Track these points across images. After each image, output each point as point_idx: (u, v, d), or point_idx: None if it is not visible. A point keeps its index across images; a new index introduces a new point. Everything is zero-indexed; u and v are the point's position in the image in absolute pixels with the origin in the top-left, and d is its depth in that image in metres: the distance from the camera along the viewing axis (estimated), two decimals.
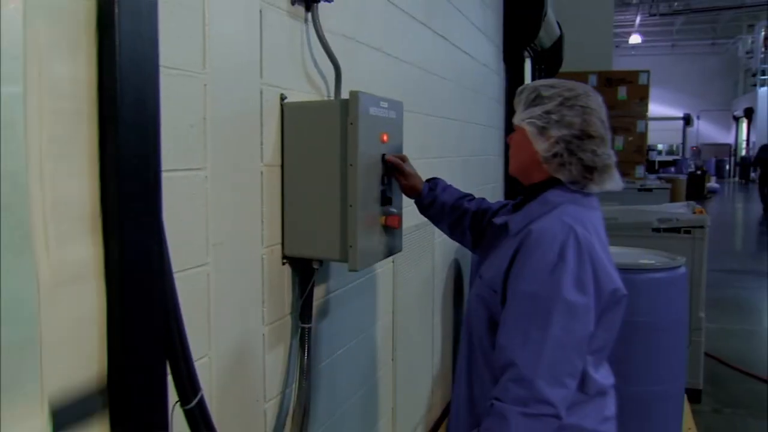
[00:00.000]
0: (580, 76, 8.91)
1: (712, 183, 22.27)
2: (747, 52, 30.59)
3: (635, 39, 27.71)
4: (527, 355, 1.37)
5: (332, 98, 2.04)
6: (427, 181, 2.03)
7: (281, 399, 1.83)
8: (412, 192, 1.97)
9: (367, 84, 2.33)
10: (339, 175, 1.71)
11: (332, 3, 1.96)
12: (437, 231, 3.42)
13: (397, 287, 2.79)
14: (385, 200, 1.87)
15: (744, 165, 25.56)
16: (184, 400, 1.19)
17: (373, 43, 2.43)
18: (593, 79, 8.94)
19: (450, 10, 3.61)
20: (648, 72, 8.69)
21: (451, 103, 3.69)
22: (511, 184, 5.54)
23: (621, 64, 15.55)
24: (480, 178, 4.53)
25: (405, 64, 2.84)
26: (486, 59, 4.68)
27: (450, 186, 2.07)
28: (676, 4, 24.69)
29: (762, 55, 28.16)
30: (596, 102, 1.58)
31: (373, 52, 2.44)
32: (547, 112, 1.54)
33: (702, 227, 3.96)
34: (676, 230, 3.93)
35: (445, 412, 3.62)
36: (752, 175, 23.10)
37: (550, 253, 1.43)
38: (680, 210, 4.20)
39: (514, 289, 1.46)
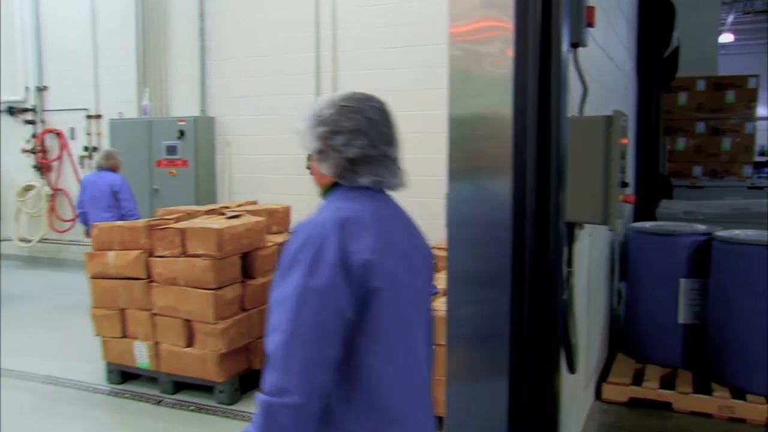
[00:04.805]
0: (688, 82, 9.43)
1: None
2: None
3: (727, 37, 27.38)
4: None
5: (576, 113, 2.88)
6: None
7: None
8: None
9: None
10: (602, 165, 2.55)
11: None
12: None
13: (591, 255, 3.61)
14: (624, 184, 2.71)
15: None
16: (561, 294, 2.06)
17: (586, 68, 3.27)
18: (701, 84, 9.45)
19: (613, 35, 4.40)
20: (757, 76, 9.13)
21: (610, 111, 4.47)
22: (640, 178, 6.25)
23: None
24: None
25: (593, 82, 3.66)
26: (626, 70, 5.43)
27: None
28: None
29: None
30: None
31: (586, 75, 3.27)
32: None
33: None
34: None
35: (606, 370, 4.39)
36: None
37: None
38: None
39: None
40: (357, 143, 1.55)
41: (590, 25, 2.72)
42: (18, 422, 3.98)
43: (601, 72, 3.94)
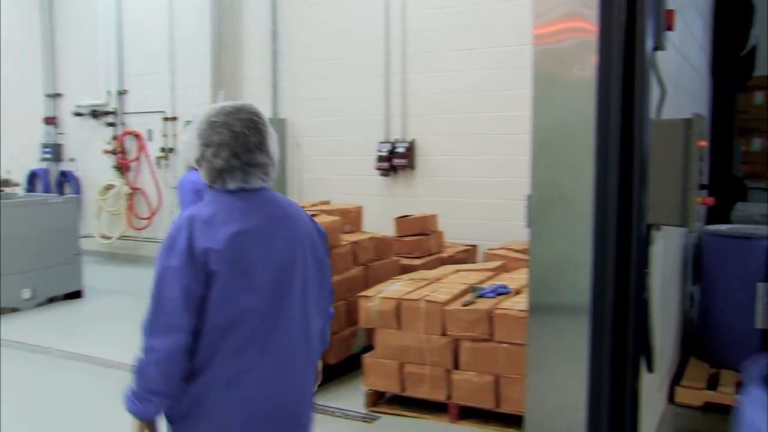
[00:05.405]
0: (765, 80, 9.10)
1: None
2: None
3: None
4: None
5: (654, 116, 2.89)
6: None
7: None
8: None
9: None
10: (681, 168, 2.56)
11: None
12: None
13: (665, 257, 3.60)
14: (702, 187, 2.71)
15: None
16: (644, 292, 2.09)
17: (663, 70, 3.26)
18: None
19: (689, 36, 4.36)
20: None
21: (686, 113, 4.43)
22: (713, 180, 6.11)
23: None
24: None
25: (669, 83, 3.63)
26: (701, 70, 5.34)
27: None
28: None
29: None
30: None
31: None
32: None
33: None
34: None
35: (679, 374, 4.34)
36: None
37: None
38: None
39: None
40: (222, 155, 1.87)
41: (669, 28, 2.73)
42: (106, 406, 4.22)
43: (677, 73, 3.92)
